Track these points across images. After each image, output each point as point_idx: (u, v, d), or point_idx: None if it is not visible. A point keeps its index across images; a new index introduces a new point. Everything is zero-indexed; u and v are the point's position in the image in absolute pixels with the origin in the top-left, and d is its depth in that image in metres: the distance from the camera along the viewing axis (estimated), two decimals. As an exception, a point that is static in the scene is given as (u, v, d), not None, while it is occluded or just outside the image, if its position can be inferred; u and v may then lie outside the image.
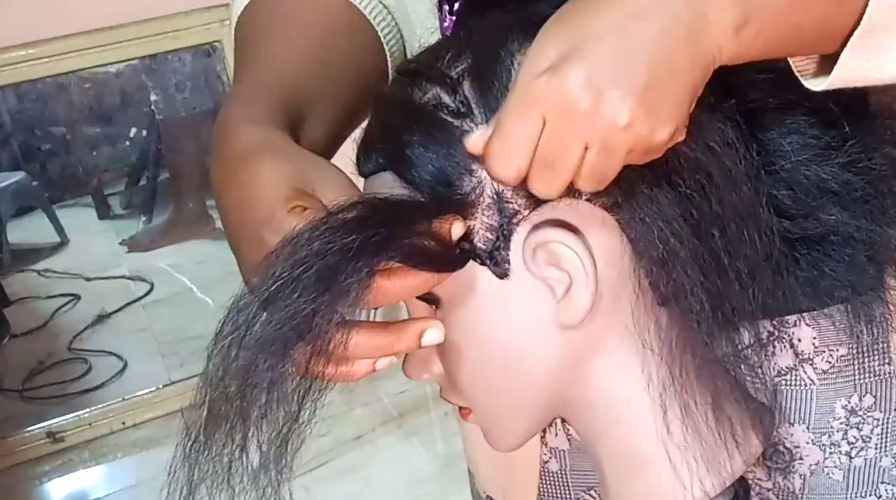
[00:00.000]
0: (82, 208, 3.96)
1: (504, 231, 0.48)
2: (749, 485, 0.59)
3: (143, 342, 2.87)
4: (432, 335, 0.48)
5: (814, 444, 0.59)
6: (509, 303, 0.49)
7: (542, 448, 0.65)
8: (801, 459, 0.60)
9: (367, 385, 2.33)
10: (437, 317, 0.50)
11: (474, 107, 0.47)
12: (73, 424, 2.42)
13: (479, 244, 0.48)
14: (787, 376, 0.58)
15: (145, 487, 2.19)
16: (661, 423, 0.51)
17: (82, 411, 2.45)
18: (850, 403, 0.58)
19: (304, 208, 0.44)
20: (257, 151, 0.48)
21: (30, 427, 2.41)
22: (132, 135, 3.86)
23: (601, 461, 0.55)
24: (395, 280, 0.44)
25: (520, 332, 0.50)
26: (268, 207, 0.45)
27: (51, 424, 2.41)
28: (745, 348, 0.54)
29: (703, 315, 0.48)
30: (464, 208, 0.47)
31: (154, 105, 3.39)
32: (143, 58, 2.69)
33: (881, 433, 0.59)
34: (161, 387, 2.52)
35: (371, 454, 2.22)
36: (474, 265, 0.48)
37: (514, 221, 0.47)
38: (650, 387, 0.50)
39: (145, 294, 3.21)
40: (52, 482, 2.32)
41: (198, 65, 3.17)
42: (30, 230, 3.74)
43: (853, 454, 0.59)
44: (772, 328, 0.57)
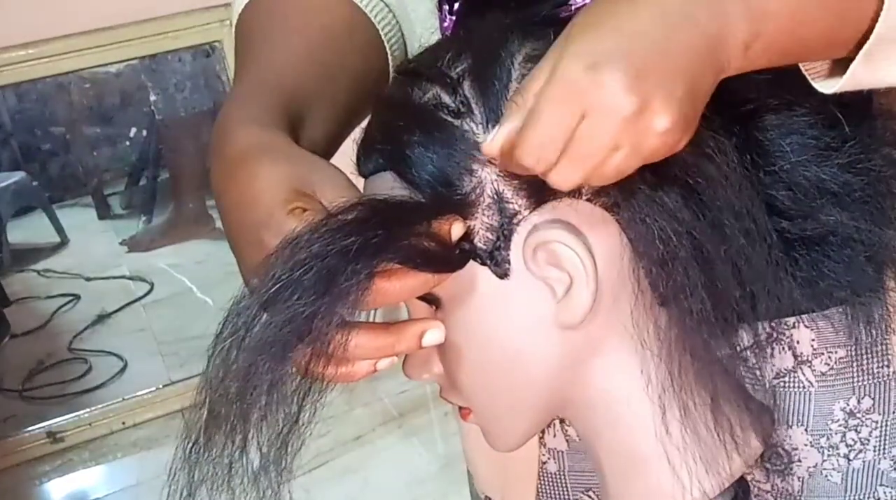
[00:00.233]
0: (82, 208, 3.96)
1: (504, 231, 0.48)
2: (748, 486, 0.59)
3: (143, 342, 2.86)
4: (433, 336, 0.48)
5: (812, 446, 0.59)
6: (509, 303, 0.49)
7: (540, 449, 0.65)
8: (799, 461, 0.60)
9: (367, 385, 2.33)
10: (437, 317, 0.50)
11: (474, 107, 0.47)
12: (73, 424, 2.42)
13: (479, 244, 0.48)
14: (786, 378, 0.58)
15: (145, 487, 2.18)
16: (661, 423, 0.51)
17: (82, 412, 2.45)
18: (848, 405, 0.58)
19: (303, 210, 0.44)
20: (257, 151, 0.48)
21: (30, 427, 2.41)
22: (132, 135, 3.86)
23: (601, 461, 0.55)
24: (394, 281, 0.44)
25: (520, 332, 0.50)
26: (267, 208, 0.45)
27: (51, 424, 2.41)
28: (745, 350, 0.55)
29: (703, 316, 0.48)
30: (464, 209, 0.47)
31: (154, 105, 3.39)
32: (143, 58, 2.69)
33: (880, 436, 0.59)
34: (161, 387, 2.52)
35: (371, 454, 2.21)
36: (474, 265, 0.48)
37: (515, 221, 0.48)
38: (649, 387, 0.50)
39: (145, 294, 3.21)
40: (52, 482, 2.32)
41: (197, 65, 3.18)
42: (30, 230, 3.74)
43: (851, 457, 0.59)
44: (771, 330, 0.57)
